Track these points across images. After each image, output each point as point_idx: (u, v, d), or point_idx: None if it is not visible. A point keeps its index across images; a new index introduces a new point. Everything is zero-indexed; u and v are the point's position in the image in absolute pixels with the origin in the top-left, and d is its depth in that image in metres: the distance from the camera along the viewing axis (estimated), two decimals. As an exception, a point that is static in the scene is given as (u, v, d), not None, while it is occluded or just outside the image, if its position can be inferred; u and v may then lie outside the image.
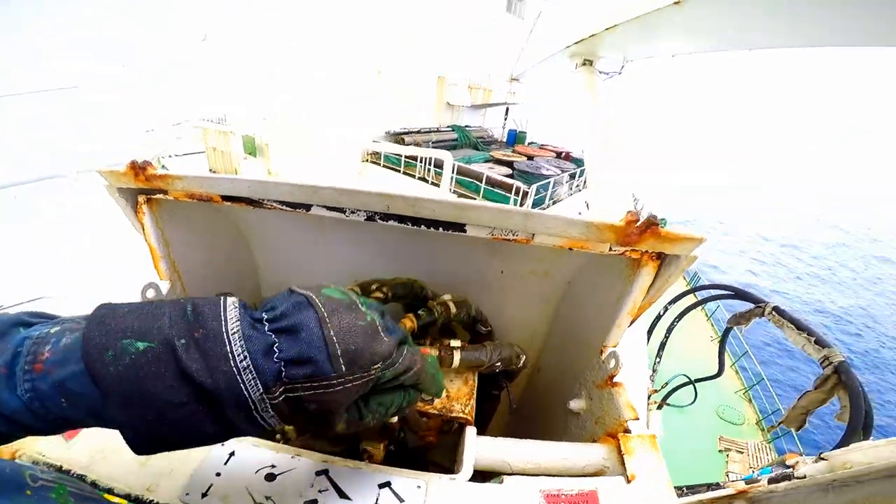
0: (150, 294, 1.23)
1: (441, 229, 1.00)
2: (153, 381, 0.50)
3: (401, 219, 1.02)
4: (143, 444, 0.54)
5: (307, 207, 1.07)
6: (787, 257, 39.14)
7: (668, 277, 1.00)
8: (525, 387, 1.87)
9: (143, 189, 1.16)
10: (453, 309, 1.39)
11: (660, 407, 2.49)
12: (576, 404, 1.32)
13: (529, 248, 1.28)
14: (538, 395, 1.77)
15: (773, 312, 2.19)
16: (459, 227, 0.99)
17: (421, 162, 14.14)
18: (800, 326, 2.01)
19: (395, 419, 1.15)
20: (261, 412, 0.56)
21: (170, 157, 17.02)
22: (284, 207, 1.09)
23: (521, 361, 1.43)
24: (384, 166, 15.61)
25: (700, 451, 11.14)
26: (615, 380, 1.16)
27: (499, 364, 1.35)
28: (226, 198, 1.12)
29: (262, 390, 0.54)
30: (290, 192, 1.06)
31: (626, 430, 1.04)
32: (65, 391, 0.49)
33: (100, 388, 0.49)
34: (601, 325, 1.21)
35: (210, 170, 28.02)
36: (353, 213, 1.04)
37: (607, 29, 3.43)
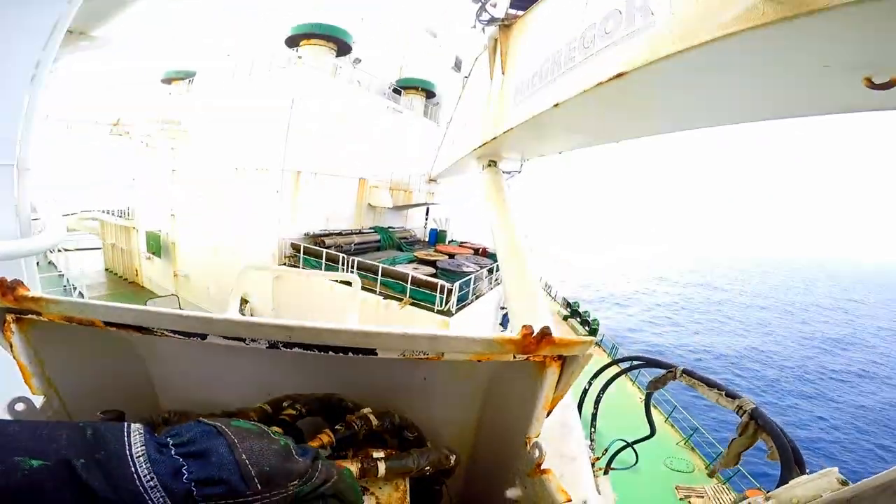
0: (20, 408, 1.12)
1: (350, 354, 1.03)
2: (52, 495, 0.52)
3: (306, 346, 1.03)
4: None
5: (202, 336, 1.05)
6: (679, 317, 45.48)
7: (572, 373, 1.12)
8: (465, 479, 1.85)
9: (12, 308, 1.08)
10: (374, 421, 1.40)
11: (606, 472, 2.51)
12: (512, 493, 1.35)
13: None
14: (479, 487, 1.77)
15: (684, 374, 2.39)
16: (370, 352, 1.03)
17: (343, 264, 14.10)
18: (709, 383, 2.22)
19: None
20: None
21: (59, 250, 15.27)
22: (177, 336, 1.05)
23: (452, 461, 1.46)
24: (303, 269, 15.26)
25: (662, 503, 11.50)
26: (543, 467, 1.21)
27: (428, 468, 1.37)
28: (109, 324, 1.08)
29: None
30: (182, 322, 1.03)
31: None
32: None
33: None
34: (523, 418, 1.27)
35: (106, 269, 25.58)
36: (253, 341, 1.03)
37: (505, 132, 3.91)
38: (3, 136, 4.30)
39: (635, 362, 2.93)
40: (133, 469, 0.58)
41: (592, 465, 2.49)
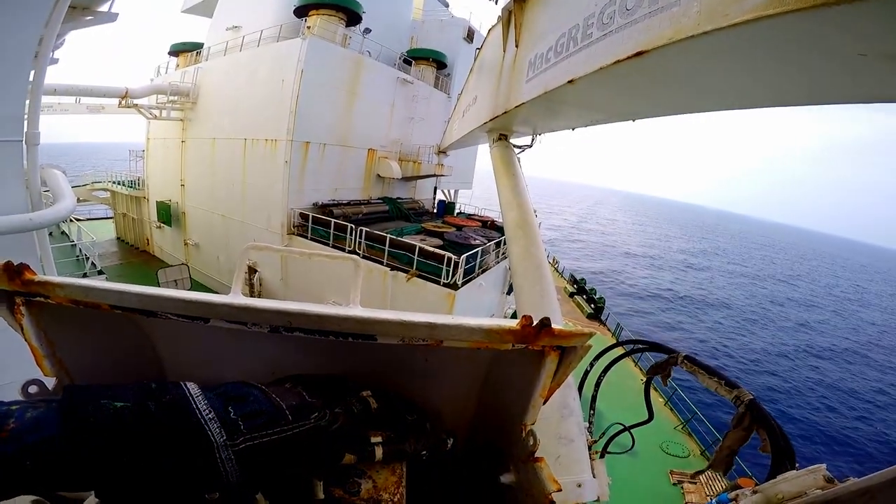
0: (33, 390, 1.16)
1: (350, 339, 1.05)
2: (133, 427, 0.65)
3: (307, 331, 1.05)
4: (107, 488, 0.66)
5: (205, 320, 1.07)
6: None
7: (570, 363, 1.13)
8: (462, 461, 1.87)
9: (21, 292, 1.10)
10: (374, 404, 1.41)
11: (602, 455, 2.56)
12: (506, 478, 1.38)
13: None
14: (475, 470, 1.79)
15: (686, 361, 2.38)
16: (370, 337, 1.06)
17: (350, 234, 14.15)
18: (710, 371, 2.20)
19: None
20: (223, 458, 0.71)
21: (71, 221, 15.45)
22: (180, 319, 1.07)
23: (449, 444, 1.48)
24: (311, 239, 15.34)
25: (655, 487, 11.63)
26: (537, 454, 1.23)
27: (424, 452, 1.40)
28: (114, 307, 1.09)
29: (225, 437, 0.73)
30: (184, 306, 1.05)
31: (552, 503, 1.12)
32: (34, 454, 0.59)
33: (77, 442, 0.61)
34: (520, 404, 1.28)
35: (118, 237, 25.95)
36: (254, 325, 1.05)
37: (517, 107, 3.80)
38: (9, 113, 4.33)
39: (638, 345, 2.91)
40: (194, 406, 0.77)
41: (590, 447, 2.51)
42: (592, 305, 25.99)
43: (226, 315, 1.06)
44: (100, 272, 12.17)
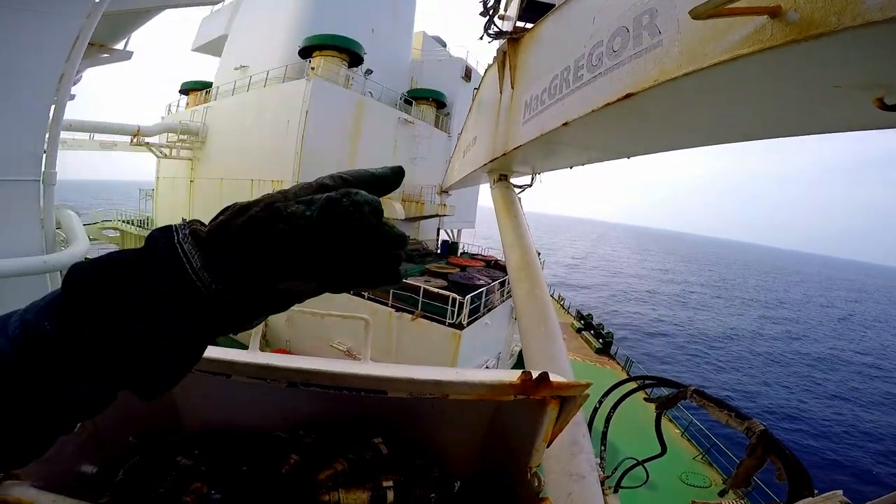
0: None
1: (363, 393, 1.14)
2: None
3: (322, 386, 1.13)
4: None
5: (227, 375, 1.16)
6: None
7: (570, 410, 1.20)
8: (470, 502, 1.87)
9: None
10: (384, 449, 1.48)
11: (615, 490, 2.51)
12: None
13: None
14: None
15: (695, 395, 2.35)
16: (381, 392, 1.13)
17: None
18: (720, 404, 2.17)
19: None
20: (188, 254, 0.52)
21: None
22: (202, 373, 1.15)
23: (456, 487, 1.52)
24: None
25: None
26: (541, 496, 1.27)
27: (433, 495, 1.43)
28: None
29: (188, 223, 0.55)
30: (207, 364, 1.14)
31: None
32: (52, 311, 0.51)
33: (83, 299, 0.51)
34: (524, 448, 1.33)
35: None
36: (273, 381, 1.14)
37: (515, 149, 3.91)
38: (29, 152, 4.40)
39: (647, 381, 2.92)
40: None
41: (602, 482, 2.48)
42: (601, 340, 25.59)
43: (246, 372, 1.15)
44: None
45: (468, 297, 12.26)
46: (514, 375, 1.12)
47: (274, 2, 20.40)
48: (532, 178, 5.53)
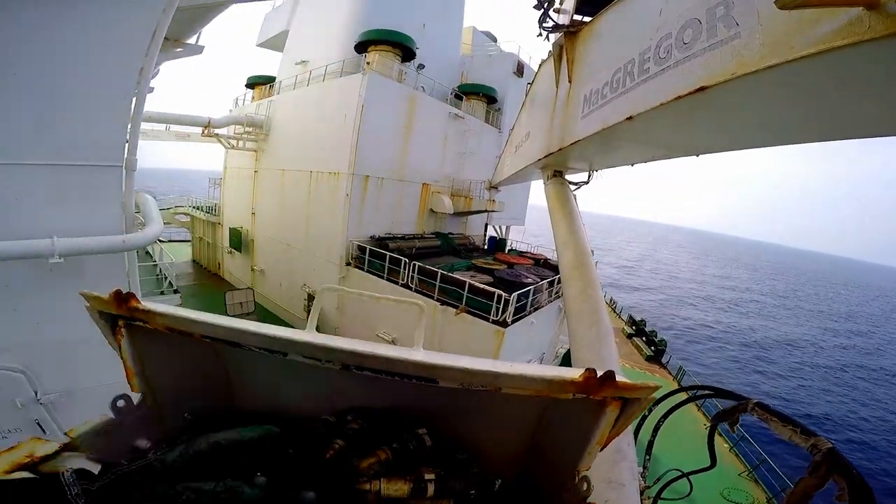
0: (121, 404, 1.30)
1: (414, 381, 1.11)
2: None
3: (375, 371, 1.11)
4: None
5: (284, 353, 1.16)
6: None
7: (632, 414, 1.11)
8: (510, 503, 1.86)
9: (124, 316, 1.25)
10: (428, 441, 1.47)
11: (655, 502, 2.43)
12: None
13: None
14: None
15: (757, 408, 2.23)
16: (432, 381, 1.10)
17: (404, 268, 14.47)
18: (784, 419, 2.03)
19: None
20: None
21: (155, 242, 17.04)
22: (262, 351, 1.17)
23: (496, 485, 1.49)
24: (367, 271, 15.83)
25: None
26: (588, 501, 1.21)
27: (473, 491, 1.41)
28: (205, 336, 1.21)
29: None
30: (268, 341, 1.15)
31: None
32: None
33: None
34: (575, 450, 1.26)
35: (193, 260, 28.12)
36: (328, 362, 1.14)
37: (572, 144, 3.80)
38: (113, 140, 4.81)
39: (703, 391, 2.77)
40: None
41: (641, 492, 2.39)
42: (653, 348, 24.51)
43: (303, 351, 1.15)
44: (175, 291, 13.17)
45: (514, 294, 12.08)
46: (575, 372, 1.05)
47: (331, -3, 21.04)
48: (589, 175, 5.36)
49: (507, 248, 24.43)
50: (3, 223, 4.16)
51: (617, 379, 1.02)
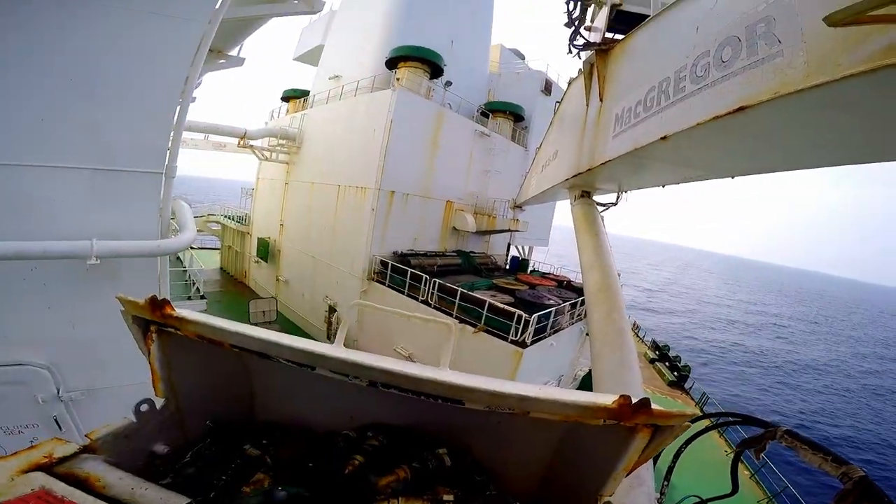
0: (143, 409, 1.31)
1: (440, 401, 1.10)
2: None
3: (401, 389, 1.11)
4: None
5: (312, 367, 1.17)
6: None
7: (663, 441, 1.08)
8: None
9: (157, 322, 1.28)
10: (448, 461, 1.45)
11: None
12: None
13: None
14: None
15: (786, 435, 2.15)
16: (457, 402, 1.09)
17: (425, 285, 14.50)
18: (815, 447, 1.95)
19: None
20: None
21: (189, 248, 17.58)
22: (290, 364, 1.18)
23: None
24: (388, 286, 15.92)
25: None
26: None
27: None
28: (234, 346, 1.23)
29: None
30: (299, 355, 1.16)
31: None
32: None
33: None
34: (597, 476, 1.23)
35: (221, 268, 28.85)
36: (355, 378, 1.14)
37: (602, 164, 3.75)
38: (156, 146, 4.99)
39: (729, 419, 2.68)
40: None
41: None
42: (675, 373, 23.71)
43: (332, 366, 1.15)
44: (202, 297, 13.52)
45: (535, 315, 11.87)
46: (608, 398, 1.02)
47: (363, 13, 21.66)
48: (617, 197, 5.29)
49: (530, 268, 24.17)
50: (45, 224, 4.34)
51: (652, 407, 0.99)
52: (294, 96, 25.05)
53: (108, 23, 4.12)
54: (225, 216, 29.79)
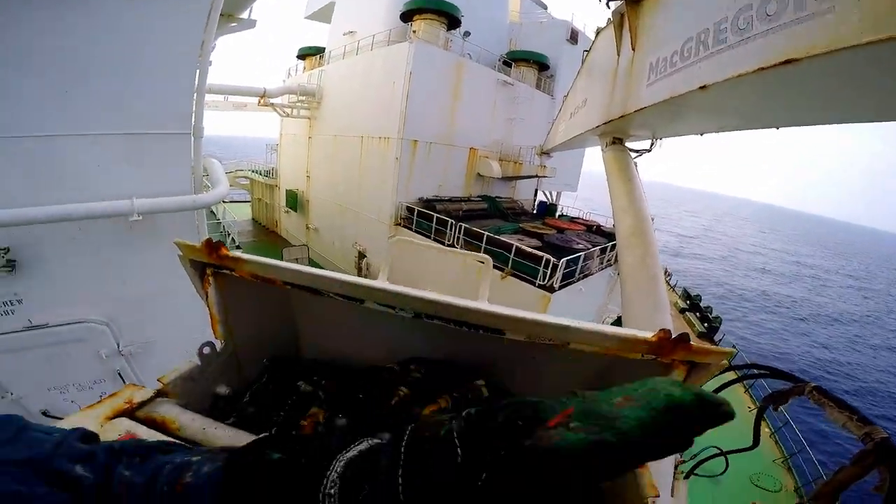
0: (206, 351, 1.36)
1: (481, 331, 1.09)
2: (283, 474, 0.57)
3: (445, 320, 1.11)
4: None
5: (361, 301, 1.18)
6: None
7: (699, 380, 1.05)
8: None
9: (212, 264, 1.31)
10: (485, 392, 1.46)
11: (687, 476, 2.40)
12: None
13: None
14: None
15: (814, 392, 2.13)
16: (498, 332, 1.08)
17: (450, 229, 14.58)
18: (842, 405, 1.95)
19: None
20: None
21: (221, 202, 18.17)
22: (339, 298, 1.20)
23: None
24: (415, 230, 16.14)
25: None
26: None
27: None
28: (287, 283, 1.25)
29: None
30: (349, 288, 1.17)
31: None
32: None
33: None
34: None
35: (253, 218, 29.75)
36: (401, 310, 1.15)
37: (636, 111, 3.59)
38: (180, 110, 5.13)
39: (757, 370, 2.67)
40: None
41: (676, 466, 2.37)
42: (706, 324, 23.52)
43: (380, 299, 1.15)
44: (238, 247, 14.13)
45: (563, 260, 11.80)
46: (647, 333, 1.00)
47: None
48: (651, 143, 5.09)
49: (558, 213, 23.83)
50: (89, 187, 4.57)
51: (691, 343, 0.97)
52: (310, 54, 24.57)
53: (131, 3, 4.17)
54: (252, 171, 30.27)
